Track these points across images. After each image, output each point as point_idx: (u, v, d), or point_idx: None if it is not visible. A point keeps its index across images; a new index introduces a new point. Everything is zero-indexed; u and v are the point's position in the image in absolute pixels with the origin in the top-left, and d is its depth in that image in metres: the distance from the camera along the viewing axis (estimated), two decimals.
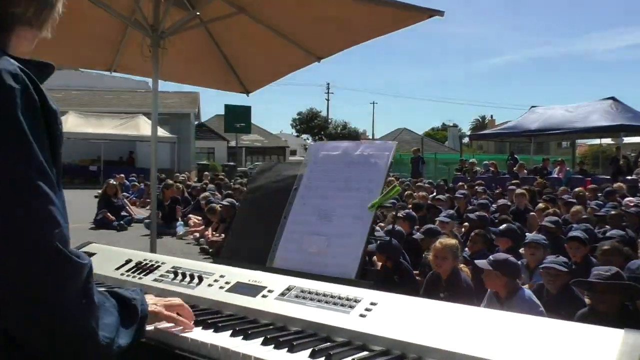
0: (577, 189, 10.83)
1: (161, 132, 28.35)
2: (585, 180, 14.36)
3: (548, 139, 24.11)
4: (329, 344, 1.09)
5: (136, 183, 17.98)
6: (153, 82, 5.29)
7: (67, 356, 0.85)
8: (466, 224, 7.64)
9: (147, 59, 5.09)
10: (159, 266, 1.57)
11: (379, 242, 4.12)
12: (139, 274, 1.56)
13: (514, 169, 16.92)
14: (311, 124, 40.05)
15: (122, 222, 11.30)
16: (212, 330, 1.19)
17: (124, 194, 14.59)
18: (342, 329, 1.14)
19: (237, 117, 27.65)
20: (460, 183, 13.71)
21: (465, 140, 47.24)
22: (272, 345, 1.09)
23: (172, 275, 1.50)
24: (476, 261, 3.97)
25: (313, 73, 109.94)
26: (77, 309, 0.83)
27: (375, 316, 1.14)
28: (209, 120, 50.44)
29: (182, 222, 10.33)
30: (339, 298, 1.23)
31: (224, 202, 8.97)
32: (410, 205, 8.49)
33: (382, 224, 6.87)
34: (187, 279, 1.47)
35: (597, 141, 29.24)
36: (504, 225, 5.69)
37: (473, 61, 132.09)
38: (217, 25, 5.69)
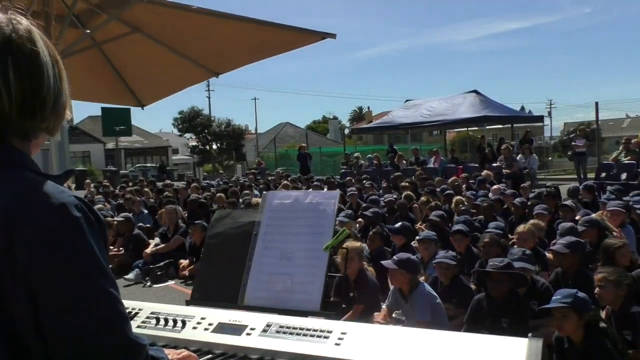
0: (452, 179, 11.95)
1: None
2: (458, 168, 15.74)
3: (422, 130, 25.86)
4: None
5: None
6: None
7: None
8: (360, 220, 8.21)
9: None
10: (137, 313, 1.74)
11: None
12: None
13: (395, 160, 18.04)
14: (194, 122, 39.26)
15: None
16: None
17: None
18: (322, 357, 1.43)
19: (116, 120, 26.44)
20: (349, 178, 14.44)
21: (346, 131, 49.06)
22: None
23: (154, 321, 1.68)
24: (383, 262, 4.42)
25: None
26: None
27: (347, 343, 1.44)
28: (82, 122, 47.57)
29: None
30: (314, 330, 1.51)
31: (119, 218, 8.81)
32: None
33: None
34: (171, 323, 1.65)
35: (464, 128, 31.85)
36: (399, 224, 6.26)
37: (347, 53, 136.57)
38: (110, 42, 5.63)
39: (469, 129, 29.37)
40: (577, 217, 6.67)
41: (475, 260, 5.37)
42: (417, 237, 5.71)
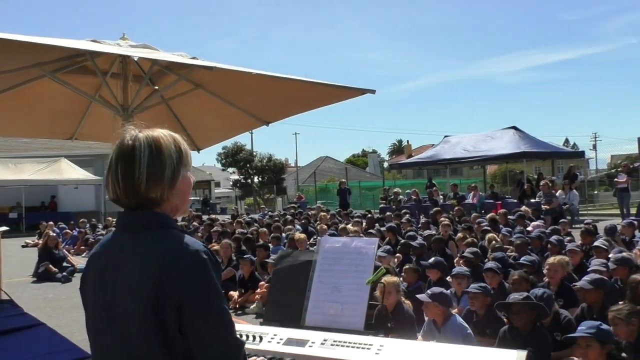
0: (489, 216, 12.25)
1: (84, 174, 27.93)
2: (496, 204, 15.95)
3: (461, 165, 26.10)
4: None
5: (67, 230, 17.80)
6: None
7: None
8: (399, 255, 8.67)
9: (118, 133, 5.68)
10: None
11: None
12: None
13: (432, 196, 18.39)
14: (236, 157, 40.58)
15: (64, 273, 11.39)
16: None
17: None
18: None
19: None
20: (388, 213, 14.89)
21: (386, 165, 49.49)
22: None
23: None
24: (418, 296, 4.88)
25: None
26: None
27: (384, 353, 1.96)
28: None
29: None
30: (360, 343, 2.02)
31: None
32: None
33: None
34: (251, 338, 2.20)
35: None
36: (433, 259, 6.71)
37: (387, 87, 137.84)
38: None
39: (508, 163, 29.46)
40: (610, 255, 6.92)
41: (507, 295, 5.75)
42: (452, 273, 6.13)
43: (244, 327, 2.32)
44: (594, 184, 39.56)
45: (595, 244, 7.58)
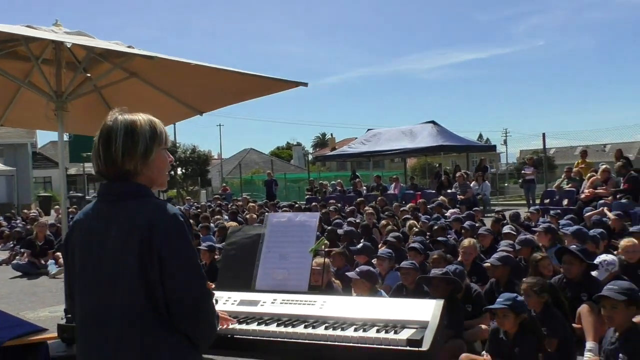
0: (411, 205, 13.00)
1: None
2: (416, 194, 16.82)
3: (383, 158, 27.05)
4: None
5: None
6: (59, 138, 5.84)
7: (208, 337, 1.86)
8: (326, 242, 9.08)
9: (51, 120, 5.67)
10: None
11: None
12: None
13: (356, 187, 19.06)
14: None
15: None
16: (245, 324, 2.24)
17: None
18: (312, 315, 2.27)
19: (85, 146, 26.70)
20: (314, 204, 15.35)
21: (310, 157, 50.13)
22: (276, 325, 2.19)
23: None
24: (347, 273, 5.28)
25: None
26: (214, 315, 1.85)
27: (327, 307, 2.30)
28: (44, 147, 47.23)
29: (53, 261, 10.41)
30: (306, 301, 2.35)
31: None
32: None
33: None
34: None
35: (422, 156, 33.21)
36: (361, 244, 7.18)
37: (309, 80, 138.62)
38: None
39: (427, 156, 30.87)
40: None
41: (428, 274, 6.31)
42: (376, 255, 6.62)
43: None
44: (505, 177, 42.14)
45: (504, 230, 8.37)
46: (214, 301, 1.87)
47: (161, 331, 1.76)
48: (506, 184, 39.46)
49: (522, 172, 17.85)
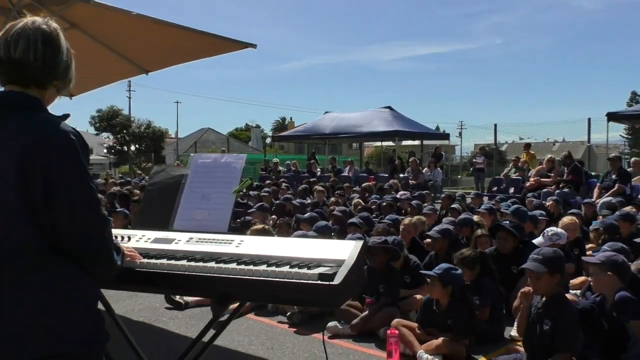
0: (363, 184, 13.04)
1: None
2: (370, 178, 16.89)
3: (340, 141, 27.08)
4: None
5: None
6: None
7: (106, 269, 1.72)
8: (274, 216, 9.02)
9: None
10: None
11: None
12: None
13: (311, 168, 19.02)
14: (112, 122, 38.38)
15: None
16: (154, 259, 2.13)
17: None
18: (227, 253, 2.18)
19: None
20: (268, 182, 15.19)
21: (268, 140, 49.80)
22: (186, 260, 2.10)
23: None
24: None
25: None
26: (110, 246, 1.72)
27: (244, 246, 2.21)
28: None
29: None
30: (222, 240, 2.25)
31: None
32: None
33: None
34: (119, 238, 2.32)
35: (387, 143, 33.47)
36: (308, 214, 7.14)
37: (272, 64, 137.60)
38: None
39: (383, 143, 31.09)
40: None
41: None
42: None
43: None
44: (458, 168, 42.95)
45: (451, 206, 8.52)
46: (110, 230, 1.72)
47: (54, 264, 1.61)
48: (459, 176, 40.23)
49: (473, 160, 18.19)
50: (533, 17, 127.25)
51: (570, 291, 5.19)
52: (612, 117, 14.67)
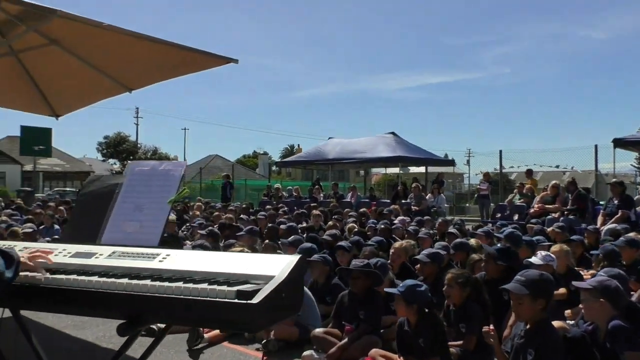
0: (361, 210, 12.76)
1: None
2: (372, 204, 16.60)
3: (343, 167, 26.87)
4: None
5: None
6: None
7: None
8: (267, 241, 8.77)
9: None
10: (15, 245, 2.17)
11: None
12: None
13: (313, 193, 18.77)
14: (119, 148, 38.62)
15: None
16: (64, 274, 1.89)
17: None
18: (148, 269, 1.94)
19: (36, 139, 25.74)
20: (268, 207, 14.95)
21: (275, 168, 49.76)
22: (97, 276, 1.86)
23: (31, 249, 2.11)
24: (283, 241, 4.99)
25: (122, 96, 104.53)
26: None
27: (168, 261, 1.97)
28: (0, 141, 45.64)
29: None
30: (146, 254, 2.02)
31: (26, 230, 8.88)
32: (216, 225, 9.42)
33: None
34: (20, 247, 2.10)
35: (393, 170, 33.29)
36: (292, 237, 6.89)
37: (282, 93, 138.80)
38: (29, 53, 5.97)
39: (389, 170, 30.82)
40: None
41: None
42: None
43: (31, 243, 2.21)
44: (467, 196, 42.51)
45: (449, 230, 8.24)
46: None
47: None
48: (467, 204, 39.80)
49: (478, 187, 17.87)
50: (541, 46, 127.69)
51: (568, 321, 4.87)
52: (619, 143, 14.35)
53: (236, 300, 1.61)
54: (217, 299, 1.63)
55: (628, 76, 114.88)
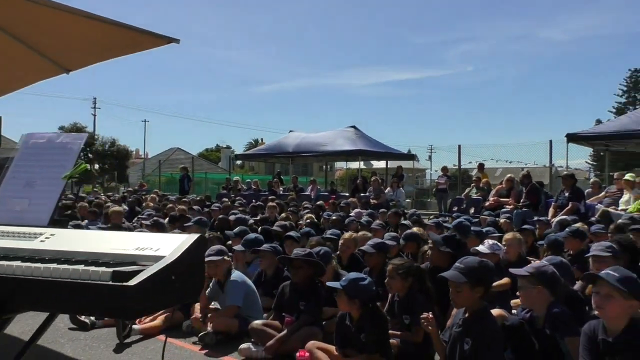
0: (317, 203, 12.62)
1: None
2: (331, 197, 16.49)
3: (305, 160, 26.70)
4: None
5: None
6: None
7: None
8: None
9: None
10: None
11: None
12: None
13: (272, 186, 18.56)
14: None
15: None
16: None
17: None
18: (26, 249, 1.72)
19: None
20: (224, 199, 14.65)
21: (239, 162, 49.23)
22: None
23: None
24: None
25: (78, 86, 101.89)
26: None
27: (51, 241, 1.75)
28: None
29: None
30: (28, 233, 1.80)
31: None
32: (167, 217, 9.14)
33: None
34: None
35: (356, 165, 33.29)
36: (237, 228, 6.69)
37: (246, 87, 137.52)
38: None
39: (351, 164, 30.80)
40: None
41: None
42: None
43: None
44: (428, 192, 42.92)
45: (401, 222, 8.17)
46: None
47: None
48: (429, 199, 40.14)
49: (436, 181, 17.98)
50: (503, 46, 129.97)
51: (513, 311, 4.81)
52: (572, 138, 14.61)
53: (110, 283, 1.41)
54: (90, 281, 1.43)
55: (586, 75, 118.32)
